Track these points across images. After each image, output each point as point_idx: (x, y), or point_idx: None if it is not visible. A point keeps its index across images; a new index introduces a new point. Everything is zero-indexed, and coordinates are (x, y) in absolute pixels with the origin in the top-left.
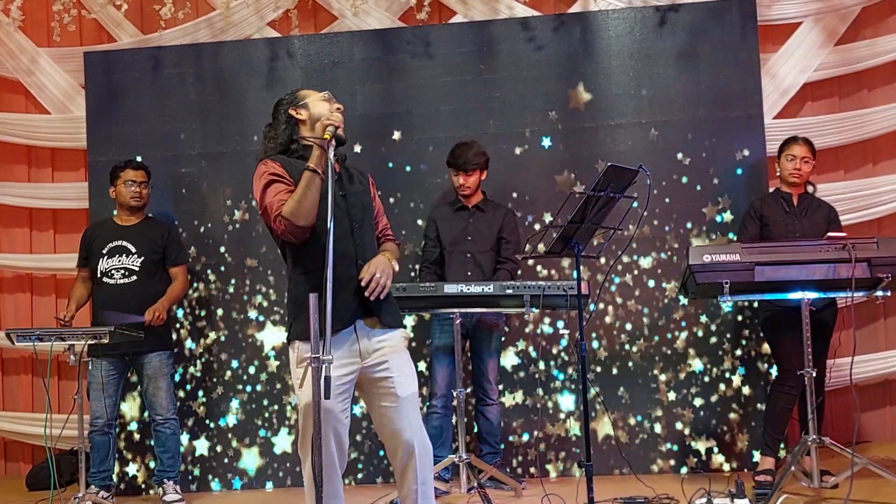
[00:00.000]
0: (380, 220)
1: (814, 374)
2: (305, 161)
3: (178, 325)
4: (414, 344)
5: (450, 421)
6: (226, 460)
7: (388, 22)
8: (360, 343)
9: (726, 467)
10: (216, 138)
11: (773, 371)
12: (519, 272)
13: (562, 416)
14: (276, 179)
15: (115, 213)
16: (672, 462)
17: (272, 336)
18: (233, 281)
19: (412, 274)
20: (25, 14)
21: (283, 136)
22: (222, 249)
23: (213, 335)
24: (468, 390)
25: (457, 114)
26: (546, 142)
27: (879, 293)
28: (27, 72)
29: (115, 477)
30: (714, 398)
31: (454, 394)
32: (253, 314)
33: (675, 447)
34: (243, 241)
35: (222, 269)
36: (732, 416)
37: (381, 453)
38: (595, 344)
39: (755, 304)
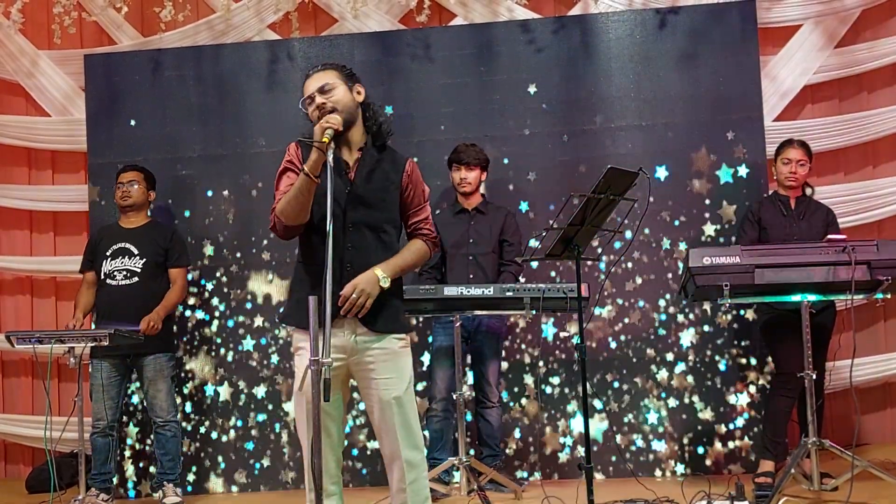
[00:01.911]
0: (414, 214)
1: (813, 377)
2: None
3: (178, 327)
4: (416, 348)
5: (450, 423)
6: (227, 461)
7: (389, 24)
8: (346, 338)
9: (726, 470)
10: (216, 140)
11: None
12: (521, 275)
13: (562, 418)
14: (289, 168)
15: (118, 216)
16: (672, 465)
17: (272, 336)
18: (233, 282)
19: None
20: (26, 16)
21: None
22: (222, 251)
23: (212, 336)
24: (468, 393)
25: (457, 116)
26: (547, 144)
27: (879, 296)
28: (27, 74)
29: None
30: (714, 401)
31: (454, 396)
32: (253, 314)
33: (675, 450)
34: (243, 243)
35: (222, 270)
36: (733, 418)
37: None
38: (595, 346)
39: (755, 307)
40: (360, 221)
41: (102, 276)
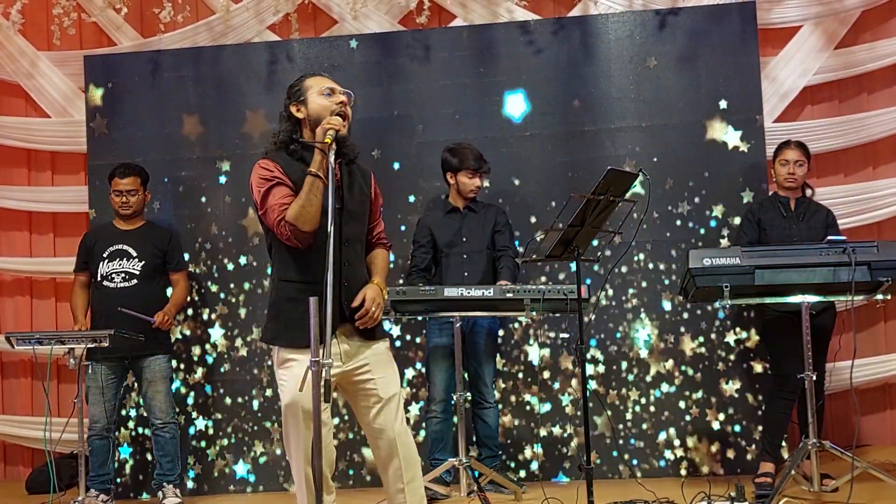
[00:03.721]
0: (377, 224)
1: (814, 378)
2: (304, 163)
3: (176, 328)
4: (411, 348)
5: (450, 425)
6: (227, 462)
7: (388, 25)
8: (341, 347)
9: (726, 471)
10: (216, 142)
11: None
12: (519, 264)
13: (562, 419)
14: (279, 182)
15: (115, 217)
16: (672, 466)
17: None
18: (231, 283)
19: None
20: (25, 17)
21: (284, 134)
22: (221, 253)
23: (210, 337)
24: (467, 394)
25: (456, 117)
26: (547, 145)
27: (879, 297)
28: (27, 75)
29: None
30: (714, 401)
31: (454, 397)
32: (251, 316)
33: (676, 451)
34: (242, 244)
35: (221, 271)
36: (733, 419)
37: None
38: (595, 347)
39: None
40: (352, 237)
41: (99, 278)
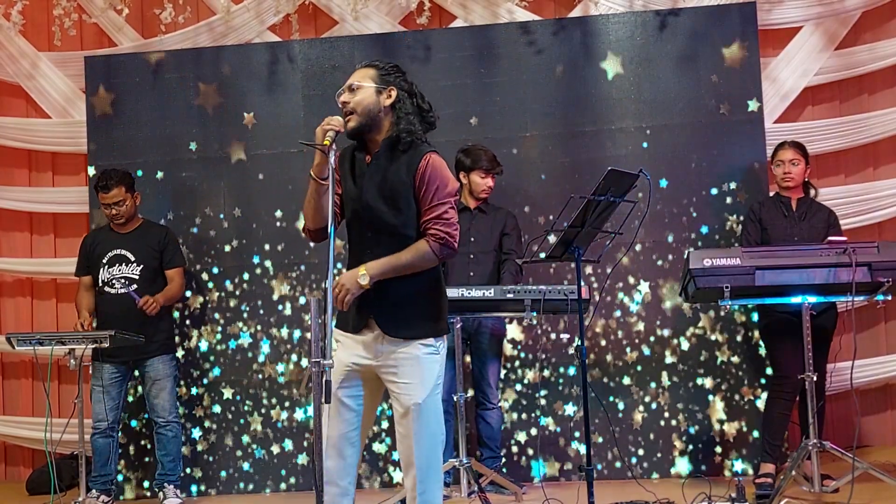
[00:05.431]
0: (426, 212)
1: (814, 379)
2: (364, 152)
3: (178, 327)
4: None
5: (451, 425)
6: (229, 462)
7: (389, 26)
8: (376, 343)
9: (727, 472)
10: (217, 142)
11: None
12: (521, 267)
13: (562, 420)
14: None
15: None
16: (673, 466)
17: (269, 339)
18: (231, 285)
19: None
20: (26, 18)
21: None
22: (222, 253)
23: (210, 338)
24: (468, 394)
25: (457, 118)
26: (547, 146)
27: (880, 297)
28: (28, 76)
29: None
30: (715, 402)
31: (455, 398)
32: (251, 318)
33: (676, 451)
34: (243, 245)
35: (221, 272)
36: (734, 419)
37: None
38: (595, 347)
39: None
40: (376, 227)
41: (101, 284)
